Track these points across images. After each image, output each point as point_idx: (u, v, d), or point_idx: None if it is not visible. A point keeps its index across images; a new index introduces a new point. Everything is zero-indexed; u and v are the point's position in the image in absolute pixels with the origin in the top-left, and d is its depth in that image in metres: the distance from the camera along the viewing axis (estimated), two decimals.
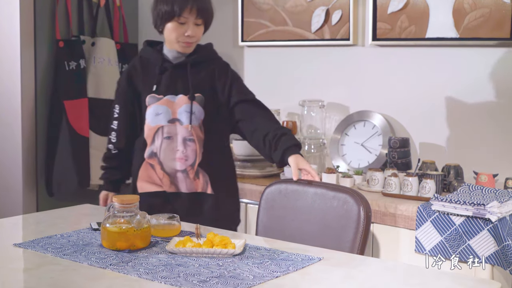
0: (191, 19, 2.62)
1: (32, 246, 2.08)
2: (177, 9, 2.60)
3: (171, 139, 2.66)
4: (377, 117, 3.54)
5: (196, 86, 2.68)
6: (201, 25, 2.66)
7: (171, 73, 2.70)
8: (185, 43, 2.66)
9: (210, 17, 2.69)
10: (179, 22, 2.63)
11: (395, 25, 3.49)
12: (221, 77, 2.73)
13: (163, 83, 2.69)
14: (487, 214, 2.66)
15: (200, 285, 1.72)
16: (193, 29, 2.63)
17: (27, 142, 3.88)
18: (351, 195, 2.40)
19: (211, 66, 2.74)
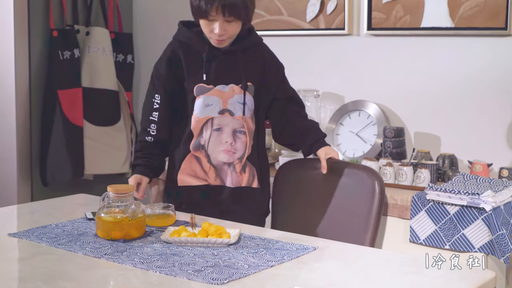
0: (220, 17, 2.42)
1: (26, 236, 2.07)
2: (203, 7, 2.42)
3: (221, 131, 2.53)
4: (372, 106, 3.54)
5: (248, 75, 2.55)
6: (234, 21, 2.45)
7: (221, 61, 2.55)
8: (216, 40, 2.49)
9: (243, 12, 2.45)
10: (208, 20, 2.45)
11: (390, 14, 3.48)
12: (272, 66, 2.64)
13: (212, 71, 2.53)
14: (482, 204, 2.67)
15: (195, 274, 1.73)
16: (223, 26, 2.44)
17: (21, 132, 3.87)
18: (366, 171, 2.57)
19: (260, 53, 2.63)
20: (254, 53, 2.60)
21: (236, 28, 2.48)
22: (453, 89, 3.37)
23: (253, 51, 2.60)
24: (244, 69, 2.55)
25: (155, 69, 2.66)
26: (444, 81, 3.40)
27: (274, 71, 2.64)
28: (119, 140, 4.21)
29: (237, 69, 2.54)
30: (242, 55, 2.56)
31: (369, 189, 2.50)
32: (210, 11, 2.40)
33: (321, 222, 2.57)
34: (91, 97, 4.05)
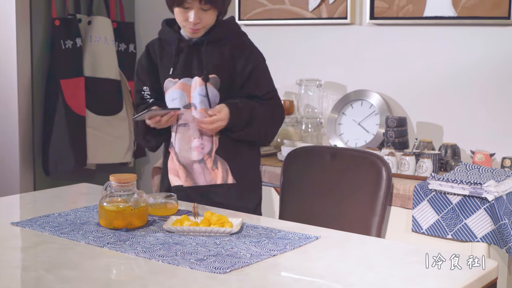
0: (195, 4, 2.38)
1: (29, 225, 2.08)
2: None
3: (187, 127, 2.45)
4: (375, 96, 3.53)
5: (212, 66, 2.45)
6: (210, 10, 2.40)
7: (187, 54, 2.48)
8: (190, 29, 2.43)
9: (219, 0, 2.41)
10: (183, 7, 2.40)
11: (392, 3, 3.47)
12: (241, 57, 2.48)
13: (179, 65, 2.48)
14: (484, 193, 2.67)
15: (197, 264, 1.73)
16: (198, 14, 2.39)
17: (24, 121, 3.87)
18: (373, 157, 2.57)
19: (231, 44, 2.49)
20: (223, 44, 2.48)
21: (211, 17, 2.43)
22: (456, 78, 3.37)
23: (222, 43, 2.48)
24: (208, 61, 2.46)
25: (138, 65, 2.63)
26: (446, 71, 3.39)
27: (241, 65, 2.47)
28: (121, 129, 4.21)
29: (201, 61, 2.46)
30: (208, 47, 2.47)
31: (376, 175, 2.51)
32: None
33: (329, 209, 2.58)
34: (93, 87, 4.05)
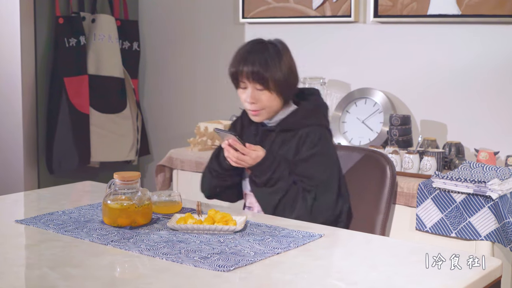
0: (249, 84, 2.32)
1: (33, 223, 2.08)
2: (233, 72, 2.35)
3: (251, 210, 2.44)
4: (379, 94, 3.53)
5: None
6: (265, 91, 2.31)
7: (261, 139, 2.42)
8: (249, 110, 2.36)
9: (271, 82, 2.30)
10: (241, 87, 2.36)
11: (396, 1, 3.46)
12: (304, 145, 2.34)
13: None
14: (488, 192, 2.67)
15: (201, 262, 1.73)
16: (253, 94, 2.32)
17: (28, 119, 3.88)
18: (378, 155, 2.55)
19: (299, 133, 2.35)
20: (293, 136, 2.37)
21: (269, 99, 2.32)
22: (460, 76, 3.36)
23: (292, 134, 2.37)
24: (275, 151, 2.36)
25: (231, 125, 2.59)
26: (450, 69, 3.39)
27: (302, 151, 2.34)
28: (125, 127, 4.22)
29: (269, 150, 2.35)
30: (278, 138, 2.38)
31: (380, 174, 2.51)
32: (239, 77, 2.33)
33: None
34: (97, 85, 4.06)
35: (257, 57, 2.31)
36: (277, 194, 2.30)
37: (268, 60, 2.30)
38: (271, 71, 2.30)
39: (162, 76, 4.50)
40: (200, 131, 3.75)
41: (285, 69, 2.33)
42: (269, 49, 2.34)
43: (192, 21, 4.32)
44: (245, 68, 2.31)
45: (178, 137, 4.35)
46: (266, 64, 2.30)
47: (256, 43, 2.38)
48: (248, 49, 2.35)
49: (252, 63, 2.30)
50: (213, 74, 4.26)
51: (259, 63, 2.30)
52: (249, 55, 2.33)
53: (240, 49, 2.39)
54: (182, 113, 4.43)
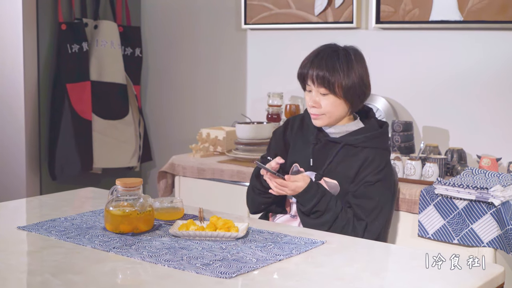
0: (314, 87, 2.32)
1: (35, 229, 2.08)
2: (300, 73, 2.35)
3: (295, 218, 2.41)
4: (381, 100, 3.53)
5: (340, 170, 2.34)
6: (329, 95, 2.31)
7: (323, 148, 2.38)
8: (311, 114, 2.35)
9: (337, 86, 2.29)
10: (307, 89, 2.36)
11: (398, 7, 3.47)
12: (367, 169, 2.31)
13: (314, 157, 2.39)
14: (490, 198, 2.66)
15: (203, 268, 1.73)
16: (316, 97, 2.32)
17: (30, 125, 3.88)
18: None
19: (365, 154, 2.33)
20: (358, 150, 2.35)
21: (333, 105, 2.31)
22: (462, 83, 3.36)
23: (358, 150, 2.35)
24: (337, 166, 2.35)
25: (274, 133, 2.57)
26: (452, 75, 3.39)
27: (363, 175, 2.32)
28: (127, 133, 4.22)
29: (331, 162, 2.36)
30: (342, 150, 2.36)
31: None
32: (306, 79, 2.33)
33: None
34: (99, 91, 4.06)
35: (325, 61, 2.30)
36: (324, 226, 2.27)
37: (336, 65, 2.29)
38: (337, 76, 2.28)
39: (164, 82, 4.50)
40: (202, 137, 3.75)
41: (354, 77, 2.32)
42: (340, 54, 2.33)
43: (194, 27, 4.33)
44: (310, 71, 2.31)
45: (180, 143, 4.36)
46: (333, 69, 2.29)
47: (327, 47, 2.37)
48: (318, 53, 2.35)
49: (319, 67, 2.30)
50: (215, 80, 4.26)
51: (326, 67, 2.29)
52: (317, 58, 2.32)
53: (312, 52, 2.38)
54: (184, 119, 4.43)
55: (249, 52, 4.09)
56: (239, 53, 4.14)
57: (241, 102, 4.13)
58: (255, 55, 4.06)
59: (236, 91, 4.16)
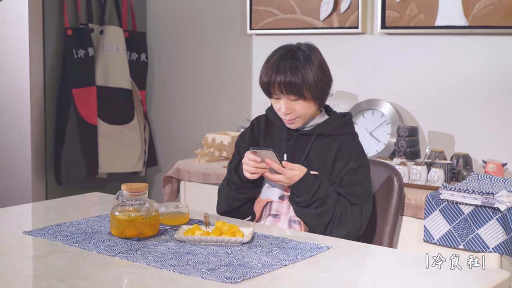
0: (282, 95, 2.29)
1: (41, 234, 2.08)
2: (265, 84, 2.30)
3: (277, 218, 2.36)
4: (386, 105, 3.53)
5: (316, 163, 2.33)
6: (300, 100, 2.29)
7: (296, 143, 2.39)
8: (285, 120, 2.34)
9: (306, 91, 2.27)
10: (274, 98, 2.32)
11: (404, 13, 3.47)
12: (344, 157, 2.33)
13: (288, 152, 2.38)
14: (496, 203, 2.66)
15: (209, 273, 1.73)
16: (288, 104, 2.29)
17: (36, 130, 3.89)
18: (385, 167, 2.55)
19: (339, 141, 2.35)
20: (332, 141, 2.36)
21: (305, 107, 2.30)
22: (467, 88, 3.36)
23: (331, 139, 2.36)
24: (314, 156, 2.35)
25: (240, 137, 2.53)
26: (458, 80, 3.39)
27: (342, 163, 2.33)
28: (133, 138, 4.23)
29: (307, 154, 2.36)
30: (316, 141, 2.36)
31: (388, 185, 2.50)
32: (271, 89, 2.29)
33: None
34: (105, 96, 4.07)
35: (288, 67, 2.26)
36: (327, 214, 2.26)
37: (299, 69, 2.26)
38: (303, 80, 2.25)
39: (170, 87, 4.51)
40: (208, 142, 3.75)
41: (317, 74, 2.28)
42: (298, 55, 2.29)
43: (199, 32, 4.34)
44: (277, 79, 2.26)
45: (185, 148, 4.36)
46: (298, 74, 2.25)
47: (284, 52, 2.32)
48: (277, 59, 2.30)
49: (283, 73, 2.26)
50: (221, 85, 4.27)
51: (291, 73, 2.25)
52: (279, 65, 2.28)
53: (268, 59, 2.34)
54: (189, 124, 4.44)
55: (254, 57, 4.10)
56: (244, 58, 4.15)
57: (246, 107, 4.14)
58: (260, 60, 4.04)
59: (241, 96, 4.17)
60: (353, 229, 2.27)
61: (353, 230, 2.27)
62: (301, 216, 2.31)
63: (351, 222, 2.26)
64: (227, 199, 2.43)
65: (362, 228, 2.30)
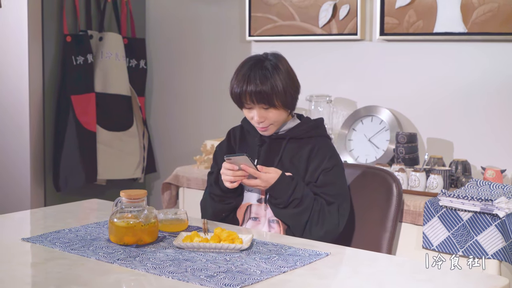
0: (254, 104, 2.34)
1: (40, 241, 2.08)
2: (237, 95, 2.35)
3: (257, 221, 2.40)
4: (385, 112, 3.53)
5: (290, 165, 2.39)
6: (271, 108, 2.34)
7: (269, 147, 2.44)
8: (258, 128, 2.40)
9: (277, 99, 2.32)
10: (246, 108, 2.38)
11: (402, 19, 3.48)
12: (317, 158, 2.38)
13: (261, 157, 2.43)
14: (495, 210, 2.66)
15: (208, 280, 1.73)
16: (260, 113, 2.34)
17: (35, 137, 3.89)
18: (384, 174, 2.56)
19: (312, 144, 2.40)
20: (305, 143, 2.41)
21: (276, 115, 2.36)
22: (466, 94, 3.36)
23: (304, 142, 2.42)
24: (287, 159, 2.40)
25: (218, 147, 2.58)
26: (456, 87, 3.39)
27: (315, 165, 2.38)
28: (132, 145, 4.23)
29: (281, 157, 2.41)
30: (289, 144, 2.42)
31: (386, 192, 2.50)
32: (243, 99, 2.34)
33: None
34: (104, 102, 4.07)
35: (259, 77, 2.32)
36: (305, 213, 2.31)
37: (268, 79, 2.32)
38: (272, 89, 2.31)
39: (169, 94, 4.51)
40: (207, 148, 3.75)
41: (285, 82, 2.35)
42: (266, 65, 2.35)
43: (199, 39, 4.34)
44: (248, 89, 2.32)
45: (184, 154, 4.36)
46: (267, 83, 2.31)
47: (252, 63, 2.38)
48: (246, 70, 2.36)
49: (254, 84, 2.32)
50: (220, 92, 4.27)
51: (261, 83, 2.31)
52: (249, 76, 2.33)
53: (239, 70, 2.39)
54: (188, 130, 4.44)
55: None
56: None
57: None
58: None
59: None
60: (331, 226, 2.32)
61: (331, 227, 2.32)
62: (280, 217, 2.36)
63: (329, 220, 2.32)
64: (214, 212, 2.46)
65: (340, 226, 2.35)
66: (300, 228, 2.33)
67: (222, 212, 2.45)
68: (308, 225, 2.33)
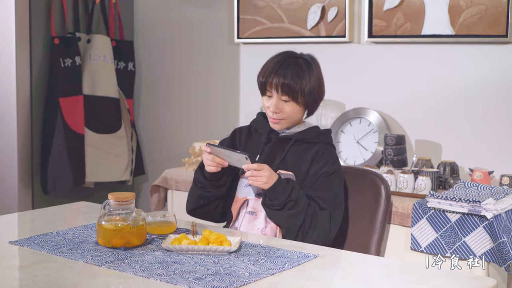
0: (275, 93, 2.38)
1: (27, 244, 2.07)
2: (262, 81, 2.40)
3: (254, 215, 2.40)
4: (373, 114, 3.54)
5: (292, 165, 2.41)
6: (290, 102, 2.38)
7: (274, 145, 2.46)
8: (271, 118, 2.42)
9: (300, 95, 2.37)
10: (266, 95, 2.42)
11: (390, 22, 3.49)
12: (319, 163, 2.40)
13: (264, 154, 2.46)
14: (483, 211, 2.67)
15: (196, 283, 1.72)
16: (278, 104, 2.38)
17: (23, 139, 3.87)
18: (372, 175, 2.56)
19: (316, 150, 2.43)
20: (309, 147, 2.44)
21: (292, 110, 2.39)
22: (454, 96, 3.37)
23: (309, 146, 2.44)
24: (290, 159, 2.43)
25: (220, 143, 2.61)
26: (444, 89, 3.40)
27: (317, 167, 2.40)
28: (120, 147, 4.22)
29: (284, 157, 2.43)
30: (295, 146, 2.45)
31: (375, 193, 2.51)
32: (267, 86, 2.39)
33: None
34: (92, 105, 4.06)
35: (289, 70, 2.37)
36: (301, 215, 2.31)
37: (300, 74, 2.37)
38: (300, 85, 2.37)
39: (157, 96, 4.51)
40: (195, 151, 3.75)
41: (314, 84, 2.41)
42: (300, 62, 2.41)
43: (187, 41, 4.34)
44: (275, 80, 2.37)
45: (173, 157, 4.35)
46: (297, 78, 2.37)
47: (288, 56, 2.43)
48: (280, 61, 2.41)
49: (283, 76, 2.36)
50: (208, 94, 4.27)
51: (291, 76, 2.36)
52: (281, 67, 2.38)
53: (270, 60, 2.45)
54: (177, 133, 4.43)
55: (242, 66, 4.10)
56: (232, 67, 4.15)
57: (234, 116, 4.14)
58: (248, 69, 4.07)
59: (229, 105, 4.17)
60: (322, 231, 2.32)
61: (322, 233, 2.32)
62: (274, 219, 2.36)
63: (321, 225, 2.32)
64: (192, 196, 2.51)
65: (332, 233, 2.34)
66: (294, 232, 2.32)
67: (200, 198, 2.48)
68: (301, 229, 2.32)
